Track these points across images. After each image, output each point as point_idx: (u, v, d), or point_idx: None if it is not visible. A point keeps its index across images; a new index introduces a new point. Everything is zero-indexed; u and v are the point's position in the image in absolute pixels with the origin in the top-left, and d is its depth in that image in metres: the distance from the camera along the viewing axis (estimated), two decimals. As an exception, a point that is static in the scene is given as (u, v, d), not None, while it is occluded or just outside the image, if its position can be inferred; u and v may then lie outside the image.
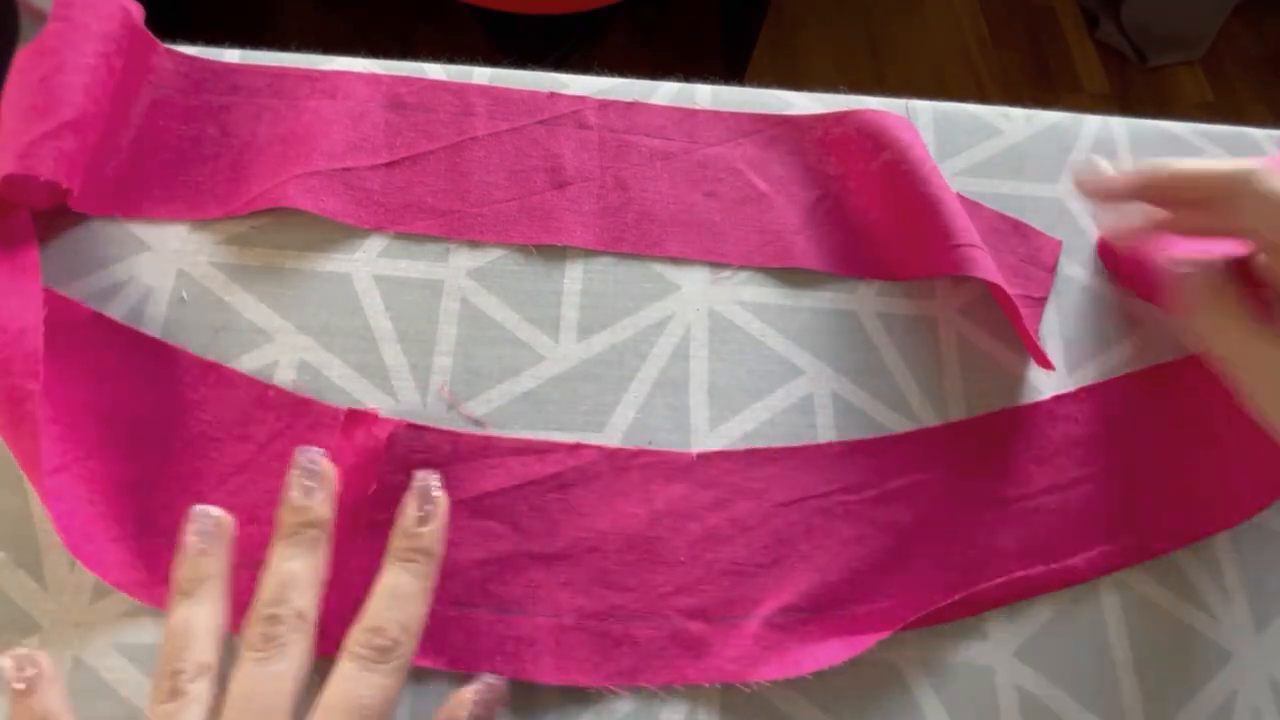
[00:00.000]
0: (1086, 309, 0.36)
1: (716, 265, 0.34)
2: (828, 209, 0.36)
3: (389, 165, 0.34)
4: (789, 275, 0.35)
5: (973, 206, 0.36)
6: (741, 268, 0.35)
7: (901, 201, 0.34)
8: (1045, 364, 0.33)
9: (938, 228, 0.33)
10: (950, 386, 0.33)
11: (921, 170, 0.34)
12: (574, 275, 0.34)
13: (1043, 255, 0.36)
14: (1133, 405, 0.34)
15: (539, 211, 0.34)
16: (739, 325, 0.34)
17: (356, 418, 0.30)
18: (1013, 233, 0.36)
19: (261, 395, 0.30)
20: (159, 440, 0.29)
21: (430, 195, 0.34)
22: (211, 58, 0.36)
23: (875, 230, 0.35)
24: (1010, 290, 0.33)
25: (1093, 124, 0.40)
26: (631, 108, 0.37)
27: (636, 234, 0.35)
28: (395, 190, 0.34)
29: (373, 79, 0.36)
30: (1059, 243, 0.36)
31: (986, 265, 0.32)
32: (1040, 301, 0.35)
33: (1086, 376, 0.34)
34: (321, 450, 0.27)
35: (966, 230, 0.33)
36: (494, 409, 0.31)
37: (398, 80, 0.36)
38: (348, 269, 0.33)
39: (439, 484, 0.27)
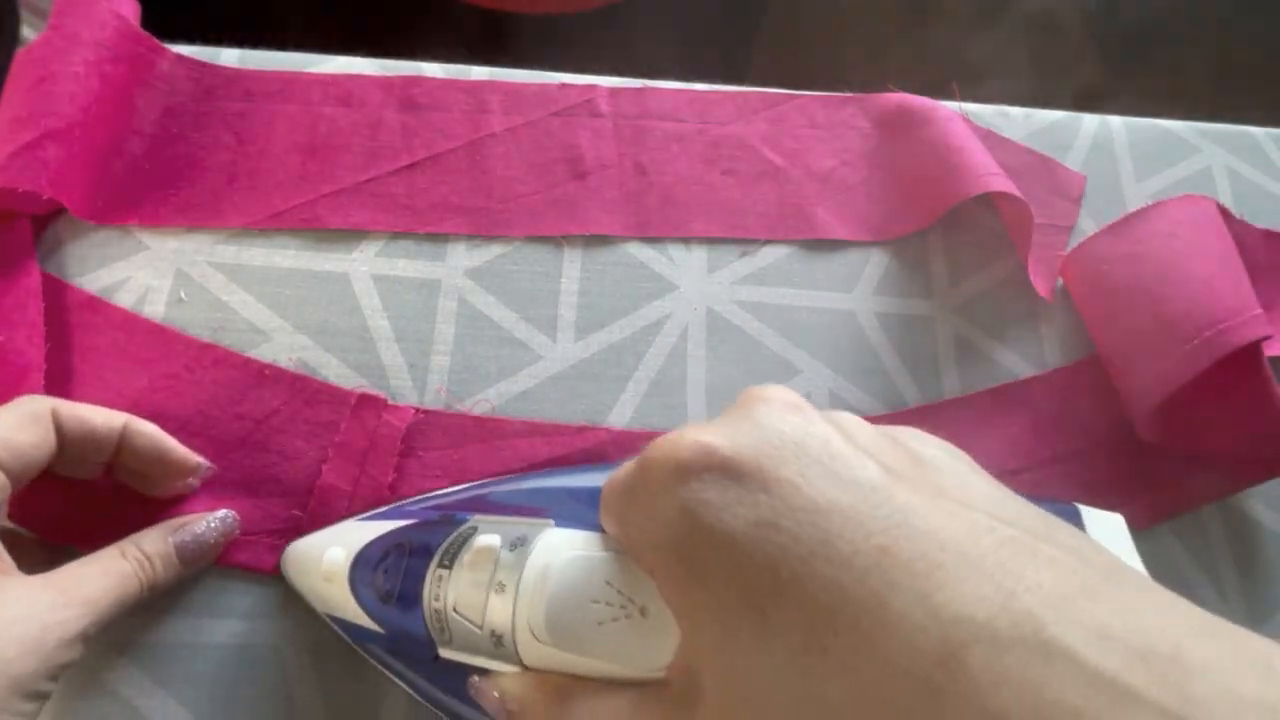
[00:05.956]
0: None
1: (715, 258, 0.35)
2: (843, 175, 0.37)
3: (410, 168, 0.34)
4: (788, 273, 0.35)
5: (1001, 141, 0.38)
6: (765, 243, 0.35)
7: (927, 147, 0.36)
8: (1045, 292, 0.34)
9: (964, 164, 0.34)
10: (947, 385, 0.33)
11: (949, 124, 0.36)
12: (571, 274, 0.34)
13: (1068, 187, 0.38)
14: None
15: (563, 203, 0.35)
16: (736, 325, 0.34)
17: (367, 403, 0.30)
18: (1039, 166, 0.38)
19: (259, 373, 0.30)
20: (155, 422, 0.29)
21: (454, 194, 0.34)
22: (210, 56, 0.36)
23: (899, 182, 0.36)
24: (1036, 219, 0.34)
25: (1092, 123, 0.40)
26: (642, 93, 0.37)
27: (660, 218, 0.35)
28: (419, 192, 0.34)
29: (384, 83, 0.36)
30: (1084, 177, 0.38)
31: (1009, 185, 0.34)
32: (1066, 229, 0.37)
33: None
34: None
35: (991, 163, 0.34)
36: (491, 408, 0.31)
37: (409, 82, 0.36)
38: (345, 268, 0.33)
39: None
